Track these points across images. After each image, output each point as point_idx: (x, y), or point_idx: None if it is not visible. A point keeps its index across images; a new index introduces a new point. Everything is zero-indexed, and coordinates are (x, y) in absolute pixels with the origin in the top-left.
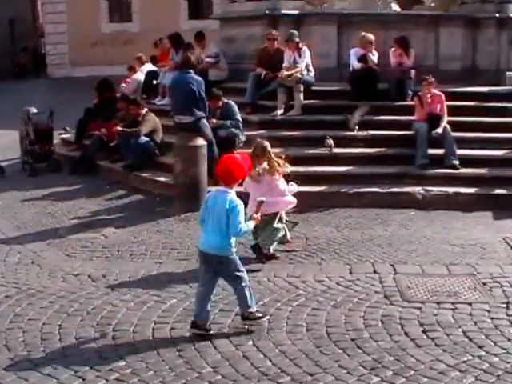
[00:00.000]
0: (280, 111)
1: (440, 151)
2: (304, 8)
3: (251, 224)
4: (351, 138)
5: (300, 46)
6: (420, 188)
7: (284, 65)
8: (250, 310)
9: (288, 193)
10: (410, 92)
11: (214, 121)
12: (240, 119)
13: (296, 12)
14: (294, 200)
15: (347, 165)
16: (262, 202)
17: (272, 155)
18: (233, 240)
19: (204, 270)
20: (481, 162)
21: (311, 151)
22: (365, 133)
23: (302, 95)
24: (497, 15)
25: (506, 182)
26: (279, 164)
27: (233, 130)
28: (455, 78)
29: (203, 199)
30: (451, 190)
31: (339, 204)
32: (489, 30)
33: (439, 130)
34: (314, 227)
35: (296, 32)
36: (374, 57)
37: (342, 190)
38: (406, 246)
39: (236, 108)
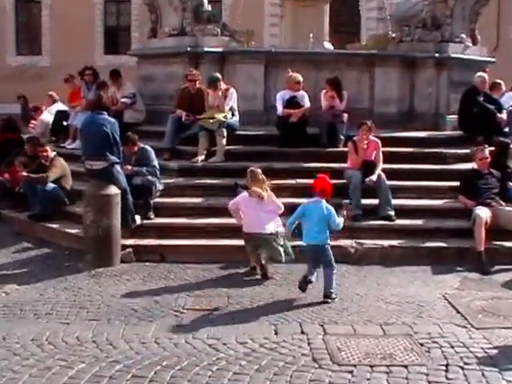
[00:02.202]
0: (201, 157)
1: (374, 201)
2: (229, 45)
3: (342, 220)
4: (279, 188)
5: (225, 87)
6: (352, 241)
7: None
8: (332, 291)
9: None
10: (342, 137)
11: (129, 167)
12: (157, 166)
13: (220, 49)
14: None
15: None
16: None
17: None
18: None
19: (311, 261)
20: (418, 213)
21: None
22: (293, 181)
23: (224, 140)
24: (436, 55)
25: (445, 233)
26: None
27: (149, 177)
28: (391, 122)
29: (116, 253)
30: (386, 242)
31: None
32: (427, 71)
33: (373, 178)
34: (236, 284)
35: (218, 75)
36: (305, 98)
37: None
38: (336, 304)
39: (153, 154)
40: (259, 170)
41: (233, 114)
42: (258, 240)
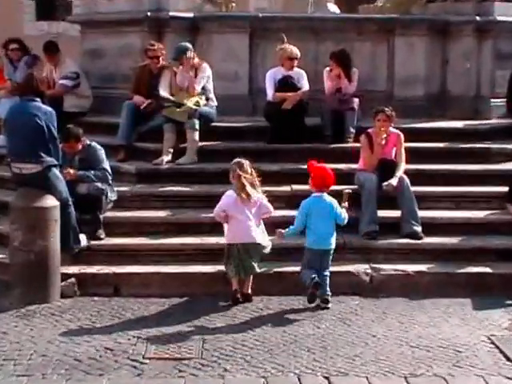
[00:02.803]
0: (166, 157)
1: (395, 213)
2: (202, 8)
3: (344, 212)
4: (268, 196)
5: (197, 62)
6: (367, 266)
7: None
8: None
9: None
10: (352, 130)
11: (71, 171)
12: (108, 169)
13: (191, 15)
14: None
15: None
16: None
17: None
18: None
19: (311, 270)
20: (453, 228)
21: (209, 215)
22: (287, 188)
23: (197, 135)
24: (477, 18)
25: (490, 255)
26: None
27: (98, 184)
28: (416, 109)
29: (54, 285)
30: (411, 268)
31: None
32: (465, 40)
33: (393, 182)
34: (213, 323)
35: (187, 44)
36: (303, 78)
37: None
38: (346, 349)
39: (103, 153)
40: (247, 162)
41: (207, 100)
42: (247, 252)
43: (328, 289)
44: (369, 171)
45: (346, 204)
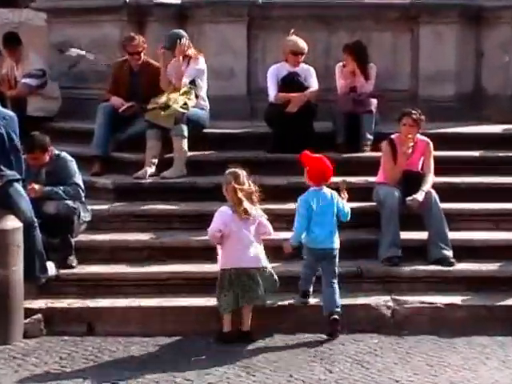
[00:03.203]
0: (150, 170)
1: (421, 235)
2: None
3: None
4: (270, 215)
5: (194, 54)
6: (387, 297)
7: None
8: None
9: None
10: (369, 136)
11: (37, 187)
12: (81, 184)
13: (178, 1)
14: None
15: None
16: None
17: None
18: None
19: (312, 270)
20: (491, 253)
21: (201, 237)
22: (293, 205)
23: (186, 143)
24: None
25: None
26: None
27: (69, 202)
28: (445, 111)
29: (16, 322)
30: (441, 299)
31: None
32: (503, 29)
33: (419, 197)
34: (206, 367)
35: (181, 31)
36: (311, 76)
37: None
38: None
39: (74, 165)
40: (244, 173)
41: (197, 98)
42: (252, 278)
43: (338, 301)
44: (391, 185)
45: (346, 195)
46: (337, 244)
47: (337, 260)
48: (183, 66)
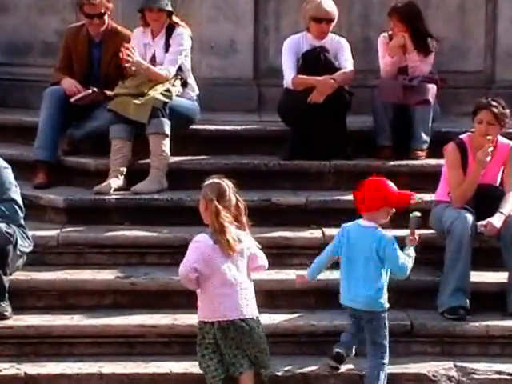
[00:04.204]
0: (116, 181)
1: (497, 277)
2: None
3: (412, 252)
4: (285, 247)
5: (173, 21)
6: (450, 364)
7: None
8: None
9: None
10: (425, 137)
11: None
12: (19, 201)
13: None
14: None
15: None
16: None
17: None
18: (385, 290)
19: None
20: None
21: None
22: (317, 233)
23: (167, 144)
24: None
25: None
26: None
27: (1, 225)
28: None
29: None
30: None
31: None
32: None
33: (496, 222)
34: None
35: None
36: (344, 51)
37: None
38: None
39: (10, 174)
40: (231, 185)
41: (184, 86)
42: (247, 335)
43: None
44: (458, 205)
45: (416, 237)
46: (379, 306)
47: (382, 324)
48: (161, 41)
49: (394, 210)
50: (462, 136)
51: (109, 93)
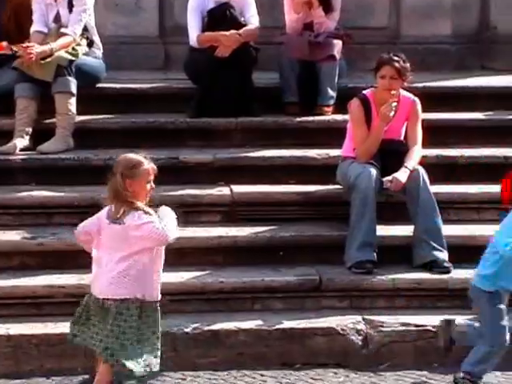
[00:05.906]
0: (21, 142)
1: (404, 230)
2: None
3: None
4: (193, 205)
5: None
6: (358, 318)
7: (34, 30)
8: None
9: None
10: (331, 93)
11: None
12: None
13: None
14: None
15: None
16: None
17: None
18: None
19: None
20: None
21: None
22: (225, 190)
23: (73, 103)
24: None
25: None
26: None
27: None
28: (440, 58)
29: None
30: (431, 320)
31: None
32: None
33: (401, 177)
34: None
35: None
36: (249, 7)
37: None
38: None
39: None
40: (145, 160)
41: (90, 45)
42: (102, 314)
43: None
44: (363, 160)
45: None
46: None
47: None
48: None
49: None
50: (365, 91)
51: (14, 48)
